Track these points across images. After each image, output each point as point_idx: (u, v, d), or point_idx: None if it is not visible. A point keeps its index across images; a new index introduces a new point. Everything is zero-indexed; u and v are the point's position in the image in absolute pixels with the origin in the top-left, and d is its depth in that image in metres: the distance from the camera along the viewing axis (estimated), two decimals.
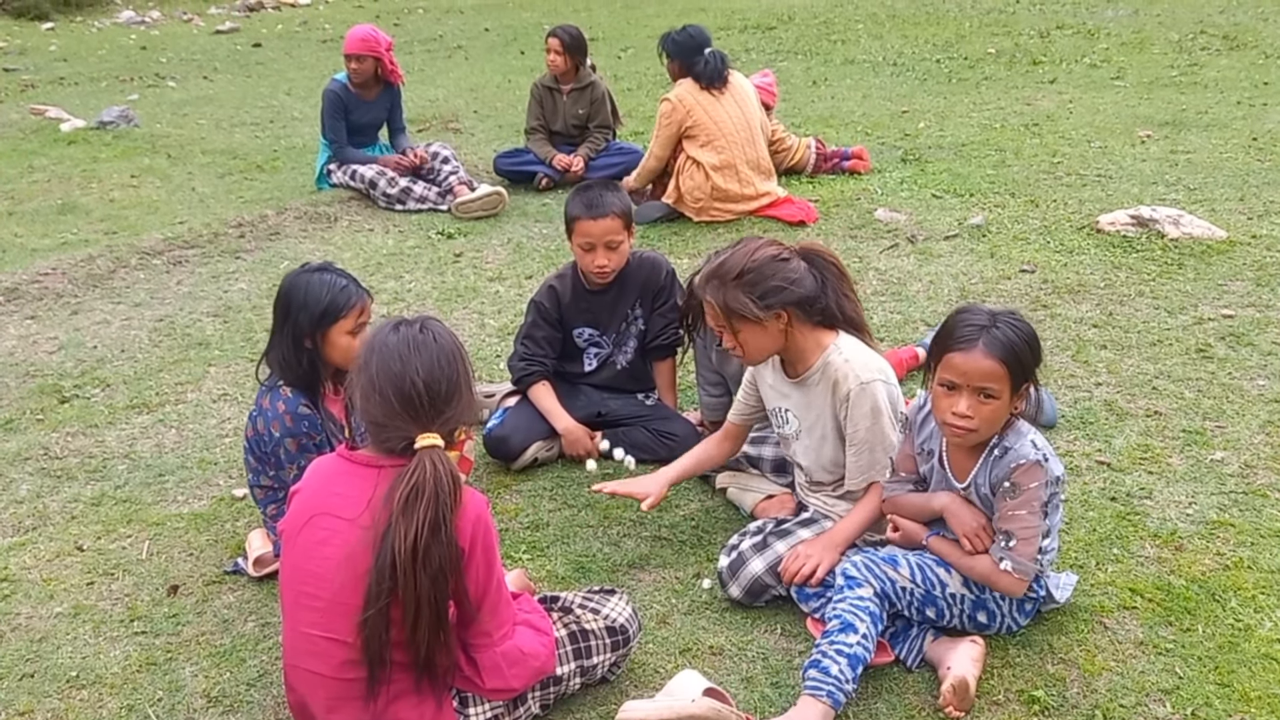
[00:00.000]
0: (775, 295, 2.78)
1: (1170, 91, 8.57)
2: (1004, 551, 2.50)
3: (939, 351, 2.47)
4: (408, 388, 2.14)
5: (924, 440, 2.68)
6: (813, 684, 2.41)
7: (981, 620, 2.63)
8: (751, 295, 2.77)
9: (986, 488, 2.54)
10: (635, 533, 3.26)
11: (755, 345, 2.86)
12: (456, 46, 12.92)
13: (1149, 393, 3.87)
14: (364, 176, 6.50)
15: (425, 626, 2.11)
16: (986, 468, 2.54)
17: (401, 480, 2.10)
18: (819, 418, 2.91)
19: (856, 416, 2.81)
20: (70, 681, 2.72)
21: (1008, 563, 2.49)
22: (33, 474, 3.72)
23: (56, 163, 7.72)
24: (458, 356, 2.22)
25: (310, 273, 2.91)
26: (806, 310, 2.83)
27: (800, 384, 2.93)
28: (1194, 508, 3.20)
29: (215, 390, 4.29)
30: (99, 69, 11.95)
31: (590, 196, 3.52)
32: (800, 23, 12.77)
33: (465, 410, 2.22)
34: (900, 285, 4.93)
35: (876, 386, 2.80)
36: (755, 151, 5.91)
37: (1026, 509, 2.47)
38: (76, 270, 5.52)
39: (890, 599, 2.58)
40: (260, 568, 3.07)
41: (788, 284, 2.79)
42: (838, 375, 2.83)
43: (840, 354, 2.85)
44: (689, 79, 5.91)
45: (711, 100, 5.85)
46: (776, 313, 2.79)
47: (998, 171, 6.54)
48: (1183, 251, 5.08)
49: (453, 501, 2.10)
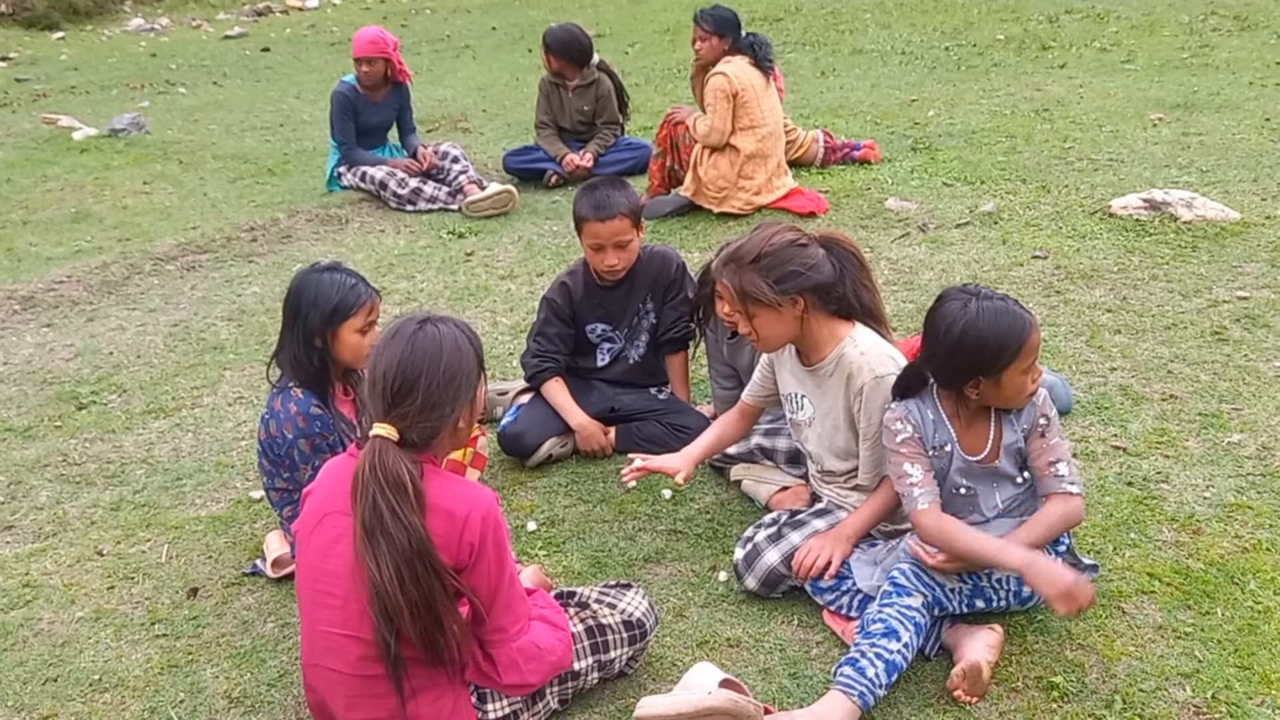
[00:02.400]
0: (792, 280, 2.76)
1: (1181, 74, 8.51)
2: (1068, 481, 2.58)
3: (993, 368, 2.49)
4: (374, 375, 2.19)
5: (935, 444, 2.65)
6: (846, 681, 2.40)
7: (1026, 593, 2.63)
8: (768, 279, 2.75)
9: (1021, 441, 2.61)
10: (650, 527, 3.26)
11: (770, 332, 2.84)
12: (464, 46, 12.93)
13: (1164, 376, 3.85)
14: (374, 178, 6.52)
15: (405, 616, 2.10)
16: (1012, 425, 2.61)
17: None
18: (832, 407, 2.91)
19: (871, 410, 2.80)
20: (93, 685, 2.74)
21: (1075, 486, 2.58)
22: (52, 480, 3.75)
23: (69, 171, 7.77)
24: (444, 356, 2.19)
25: (319, 272, 2.93)
26: (823, 297, 2.82)
27: (814, 373, 2.92)
28: (1211, 491, 3.18)
29: (231, 394, 4.31)
30: (109, 77, 12.01)
31: (597, 197, 3.52)
32: (807, 14, 12.73)
33: (429, 411, 2.17)
34: (912, 274, 4.91)
35: (892, 379, 2.79)
36: (782, 146, 5.92)
37: (1057, 436, 2.61)
38: (91, 277, 5.56)
39: (941, 604, 2.57)
40: (278, 569, 3.09)
41: (805, 269, 2.77)
42: (852, 368, 2.82)
43: (856, 346, 2.84)
44: (739, 56, 5.73)
45: (762, 83, 5.74)
46: (793, 298, 2.77)
47: (1008, 158, 6.51)
48: (1196, 234, 5.05)
49: (397, 491, 2.09)
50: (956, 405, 2.63)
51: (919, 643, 2.50)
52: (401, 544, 2.09)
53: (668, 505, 3.36)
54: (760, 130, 5.73)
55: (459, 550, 2.16)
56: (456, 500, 2.18)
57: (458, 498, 2.19)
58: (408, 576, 2.09)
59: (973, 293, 2.53)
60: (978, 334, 2.46)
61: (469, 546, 2.16)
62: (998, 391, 2.53)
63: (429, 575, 2.10)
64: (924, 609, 2.52)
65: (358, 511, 2.13)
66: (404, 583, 2.10)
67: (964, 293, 2.54)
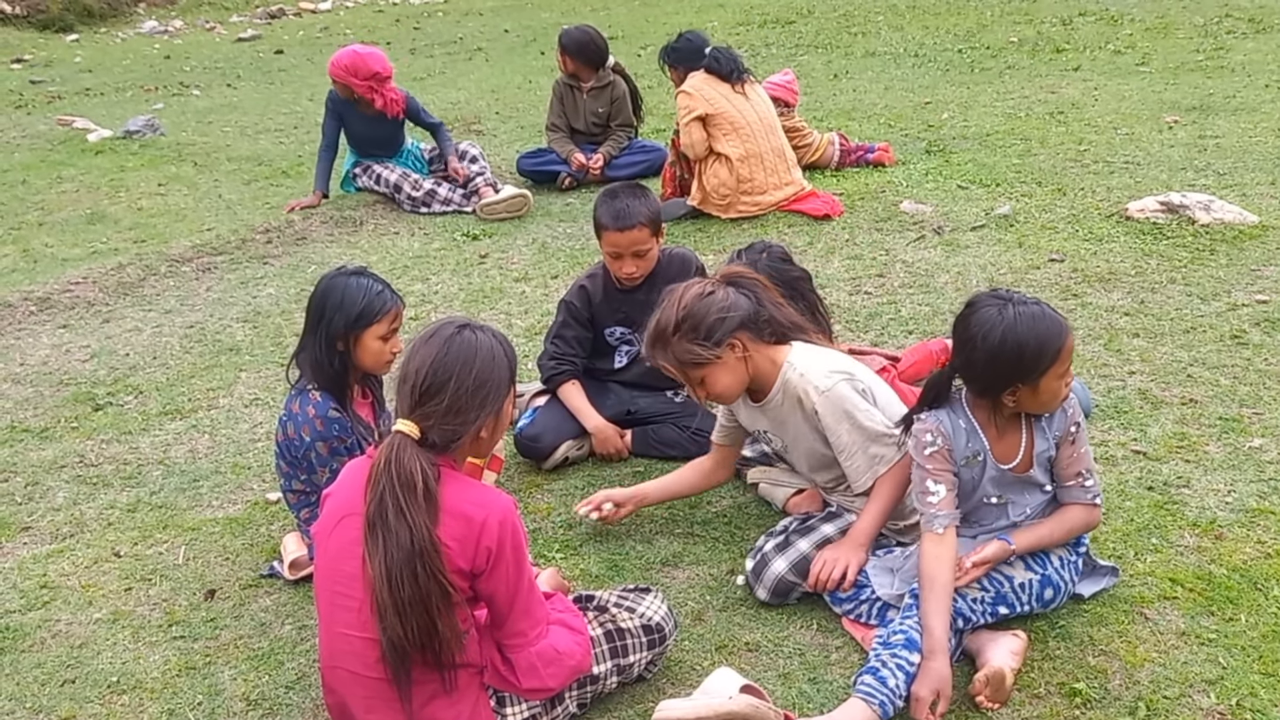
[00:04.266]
0: (720, 329, 2.75)
1: (1196, 76, 8.47)
2: (1095, 489, 2.62)
3: (1033, 374, 2.45)
4: (406, 371, 2.21)
5: (968, 453, 2.61)
6: (867, 689, 2.39)
7: (1048, 596, 2.63)
8: (696, 340, 2.75)
9: (1052, 449, 2.60)
10: (668, 530, 3.26)
11: (724, 384, 2.83)
12: (477, 48, 12.95)
13: (1184, 380, 3.83)
14: (388, 180, 6.52)
15: (407, 611, 2.10)
16: (1044, 433, 2.59)
17: None
18: (798, 433, 2.91)
19: (831, 424, 2.80)
20: (111, 687, 2.74)
21: (1099, 498, 2.61)
22: (69, 481, 3.75)
23: (84, 173, 7.79)
24: (477, 363, 2.20)
25: (346, 276, 2.93)
26: (755, 329, 2.82)
27: (765, 408, 2.92)
28: (1233, 496, 3.16)
29: (247, 395, 4.32)
30: (124, 79, 12.05)
31: (617, 206, 3.51)
32: (820, 16, 12.71)
33: (454, 415, 2.18)
34: (928, 277, 4.90)
35: (839, 388, 2.79)
36: (778, 140, 5.90)
37: (1084, 444, 2.61)
38: (107, 279, 5.58)
39: (964, 616, 2.55)
40: (295, 571, 3.09)
41: (725, 313, 2.77)
42: (798, 391, 2.82)
43: (794, 369, 2.84)
44: (700, 71, 5.87)
45: (729, 91, 5.81)
46: (729, 344, 2.77)
47: (1023, 161, 6.48)
48: (1214, 237, 5.03)
49: (405, 488, 2.11)
50: (990, 413, 2.59)
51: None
52: (402, 541, 2.10)
53: (685, 508, 3.35)
54: (743, 131, 5.77)
55: (476, 555, 2.16)
56: (475, 505, 2.18)
57: (476, 502, 2.19)
58: (405, 574, 2.10)
59: (1006, 298, 2.48)
60: (1017, 340, 2.42)
61: (486, 551, 2.16)
62: (1034, 398, 2.50)
63: (427, 576, 2.10)
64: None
65: (365, 504, 2.14)
66: (397, 580, 2.10)
67: (997, 298, 2.49)
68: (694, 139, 5.80)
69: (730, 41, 9.87)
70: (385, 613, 2.12)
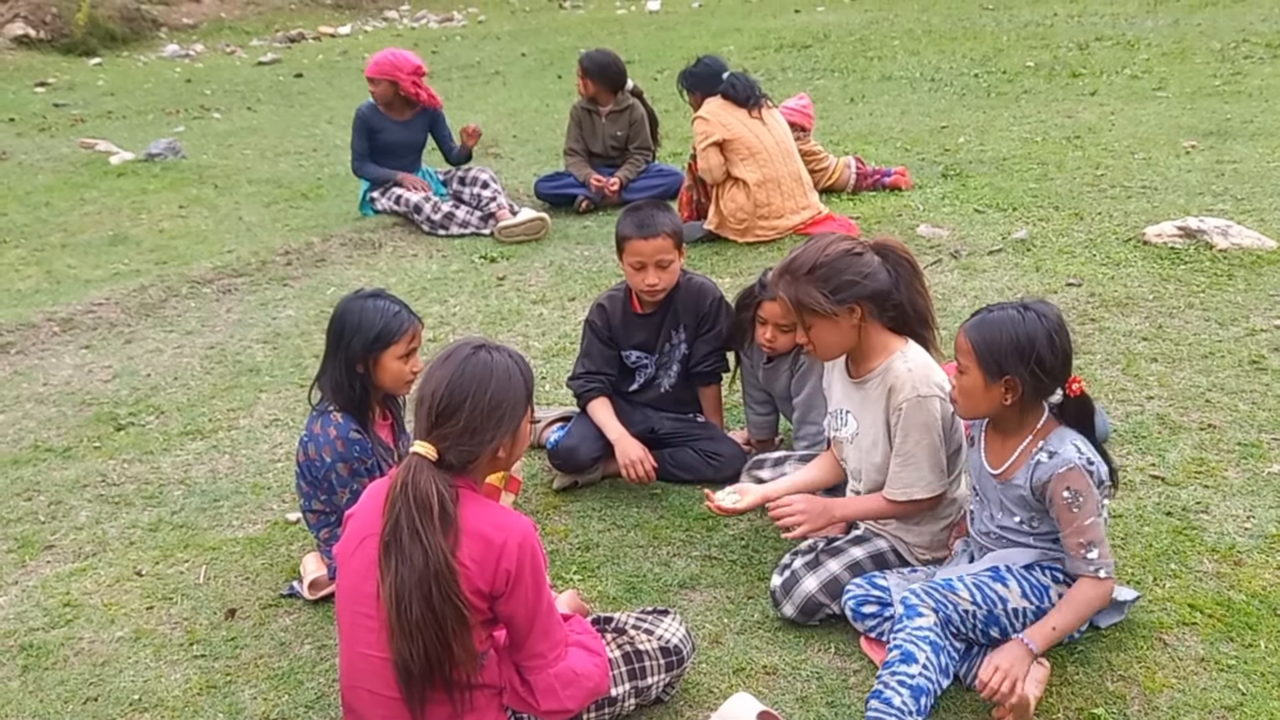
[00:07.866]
0: (848, 290, 2.76)
1: (1214, 101, 8.48)
2: (1097, 562, 2.50)
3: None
4: (423, 393, 2.23)
5: (973, 434, 2.75)
6: (876, 713, 2.39)
7: None
8: (824, 290, 2.75)
9: (1027, 489, 2.56)
10: (685, 553, 3.26)
11: (827, 341, 2.85)
12: (494, 72, 13.05)
13: (1202, 405, 3.82)
14: (408, 201, 6.56)
15: (414, 633, 2.11)
16: (1029, 469, 2.56)
17: None
18: (874, 421, 2.90)
19: (908, 427, 2.80)
20: (132, 705, 2.76)
21: (1104, 570, 2.50)
22: (91, 501, 3.78)
23: (107, 195, 7.87)
24: (493, 383, 2.21)
25: (364, 299, 2.96)
26: (880, 306, 2.82)
27: (861, 385, 2.92)
28: (1252, 521, 3.15)
29: (267, 416, 4.35)
30: (145, 102, 12.18)
31: (641, 216, 3.54)
32: (836, 40, 12.78)
33: (470, 435, 2.19)
34: (945, 301, 4.90)
35: (934, 402, 2.78)
36: (795, 165, 5.94)
37: (1094, 514, 2.50)
38: (129, 300, 5.63)
39: (954, 624, 2.55)
40: (315, 591, 3.11)
41: (860, 278, 2.77)
42: (896, 381, 2.82)
43: (905, 362, 2.83)
44: (716, 97, 5.91)
45: (746, 116, 5.86)
46: (850, 307, 2.78)
47: (1040, 185, 6.49)
48: (1232, 262, 5.02)
49: (421, 510, 2.11)
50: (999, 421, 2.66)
51: (943, 660, 2.49)
52: (415, 563, 2.10)
53: (702, 531, 3.36)
54: (760, 156, 5.81)
55: (495, 577, 2.17)
56: (494, 527, 2.19)
57: (495, 524, 2.20)
58: (416, 596, 2.10)
59: (1014, 306, 2.60)
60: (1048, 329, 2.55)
61: (505, 573, 2.17)
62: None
63: (442, 599, 2.11)
64: (936, 627, 2.51)
65: (382, 525, 2.16)
66: (405, 602, 2.11)
67: (990, 314, 2.58)
68: (711, 164, 5.85)
69: (747, 66, 9.94)
70: (394, 634, 2.13)
